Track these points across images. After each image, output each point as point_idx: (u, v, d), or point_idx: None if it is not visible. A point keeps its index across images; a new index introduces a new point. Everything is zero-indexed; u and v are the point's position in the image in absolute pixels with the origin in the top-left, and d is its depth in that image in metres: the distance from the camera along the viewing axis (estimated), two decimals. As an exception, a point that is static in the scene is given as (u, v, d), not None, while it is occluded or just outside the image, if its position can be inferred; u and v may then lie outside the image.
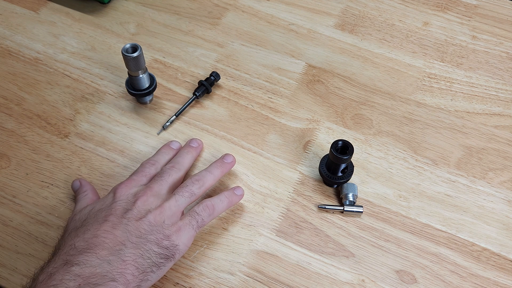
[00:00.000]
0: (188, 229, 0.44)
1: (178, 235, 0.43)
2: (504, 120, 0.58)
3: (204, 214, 0.45)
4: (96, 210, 0.43)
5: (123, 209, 0.43)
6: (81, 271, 0.38)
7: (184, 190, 0.46)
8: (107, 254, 0.39)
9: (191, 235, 0.44)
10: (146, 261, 0.40)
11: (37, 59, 0.63)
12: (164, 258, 0.42)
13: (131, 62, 0.51)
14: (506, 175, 0.54)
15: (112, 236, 0.40)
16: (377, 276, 0.47)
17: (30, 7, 0.68)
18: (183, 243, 0.43)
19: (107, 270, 0.38)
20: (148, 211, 0.43)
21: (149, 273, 0.40)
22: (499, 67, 0.63)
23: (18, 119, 0.57)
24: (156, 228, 0.42)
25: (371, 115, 0.58)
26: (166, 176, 0.47)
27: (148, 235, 0.42)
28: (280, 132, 0.57)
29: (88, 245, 0.40)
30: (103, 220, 0.42)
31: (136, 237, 0.41)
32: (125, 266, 0.39)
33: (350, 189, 0.51)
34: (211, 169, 0.49)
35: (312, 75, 0.62)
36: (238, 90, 0.60)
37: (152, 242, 0.41)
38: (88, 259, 0.39)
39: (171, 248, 0.42)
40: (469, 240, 0.49)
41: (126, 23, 0.67)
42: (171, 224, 0.43)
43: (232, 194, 0.49)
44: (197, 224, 0.45)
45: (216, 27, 0.67)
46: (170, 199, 0.45)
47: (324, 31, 0.67)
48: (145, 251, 0.41)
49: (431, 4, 0.70)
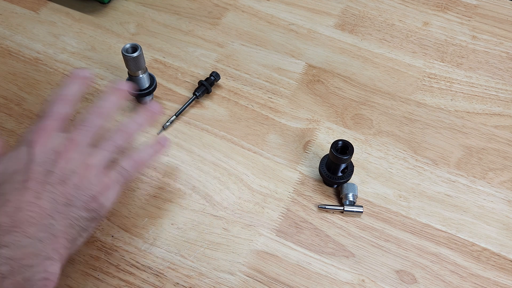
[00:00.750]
0: (115, 187, 0.41)
1: (105, 195, 0.40)
2: (504, 120, 0.58)
3: (131, 169, 0.43)
4: (11, 172, 0.38)
5: (44, 171, 0.38)
6: (12, 253, 0.35)
7: (109, 144, 0.42)
8: (36, 230, 0.36)
9: (117, 191, 0.42)
10: (75, 229, 0.39)
11: (37, 59, 0.63)
12: (91, 220, 0.40)
13: (131, 62, 0.51)
14: (506, 175, 0.54)
15: (38, 208, 0.37)
16: (377, 276, 0.47)
17: (30, 7, 0.68)
18: (110, 201, 0.41)
19: (39, 248, 0.36)
20: (72, 172, 0.39)
21: (78, 238, 0.39)
22: (499, 67, 0.63)
23: (18, 119, 0.57)
24: (83, 192, 0.39)
25: (371, 115, 0.58)
26: (90, 125, 0.42)
27: (75, 200, 0.39)
28: (280, 132, 0.57)
29: (14, 222, 0.36)
30: (23, 187, 0.37)
31: (63, 205, 0.38)
32: (57, 240, 0.37)
33: (350, 189, 0.51)
34: (135, 117, 0.45)
35: (312, 75, 0.62)
36: (238, 90, 0.60)
37: (80, 208, 0.39)
38: (17, 239, 0.35)
39: (98, 209, 0.40)
40: (469, 240, 0.49)
41: (126, 23, 0.67)
42: (97, 182, 0.40)
43: (157, 144, 0.46)
44: (124, 180, 0.42)
45: (216, 27, 0.67)
46: (95, 155, 0.41)
47: (324, 31, 0.67)
48: (74, 219, 0.38)
49: (431, 4, 0.70)
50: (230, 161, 0.54)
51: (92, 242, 0.48)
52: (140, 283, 0.46)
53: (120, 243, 0.48)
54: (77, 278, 0.46)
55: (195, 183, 0.52)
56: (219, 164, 0.54)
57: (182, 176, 0.53)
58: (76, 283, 0.46)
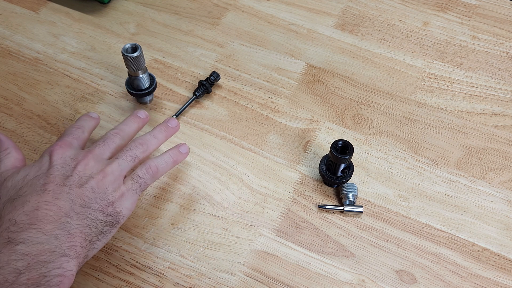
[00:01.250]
0: (131, 194, 0.43)
1: (121, 201, 0.42)
2: (504, 120, 0.58)
3: (146, 177, 0.44)
4: (32, 177, 0.40)
5: (62, 175, 0.40)
6: (28, 249, 0.36)
7: (127, 154, 0.44)
8: (53, 228, 0.37)
9: (134, 199, 0.43)
10: (92, 231, 0.39)
11: (37, 59, 0.63)
12: (109, 225, 0.41)
13: (131, 62, 0.51)
14: (506, 175, 0.54)
15: (55, 207, 0.38)
16: (377, 276, 0.47)
17: (30, 7, 0.68)
18: (127, 208, 0.42)
19: (55, 245, 0.37)
20: (89, 177, 0.41)
21: (95, 241, 0.40)
22: (499, 67, 0.63)
23: (18, 119, 0.57)
24: (100, 195, 0.41)
25: (371, 115, 0.58)
26: (110, 142, 0.45)
27: (92, 203, 0.40)
28: (280, 132, 0.57)
29: (31, 220, 0.37)
30: (42, 189, 0.39)
31: (81, 206, 0.39)
32: (73, 239, 0.38)
33: (350, 189, 0.51)
34: (155, 133, 0.47)
35: (312, 75, 0.62)
36: (238, 90, 0.60)
37: (97, 210, 0.40)
38: (34, 236, 0.36)
39: (115, 214, 0.41)
40: (469, 240, 0.49)
41: (126, 23, 0.67)
42: (114, 189, 0.42)
43: (177, 152, 0.47)
44: (140, 188, 0.43)
45: (216, 27, 0.67)
46: (113, 163, 0.43)
47: (324, 31, 0.67)
48: (91, 220, 0.39)
49: (431, 4, 0.70)
50: (230, 161, 0.54)
51: (92, 242, 0.48)
52: (140, 283, 0.46)
53: (120, 243, 0.48)
54: (77, 278, 0.46)
55: (195, 183, 0.52)
56: (219, 164, 0.54)
57: (182, 176, 0.53)
58: (76, 283, 0.46)
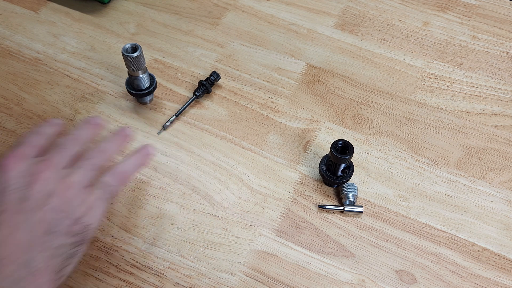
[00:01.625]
0: (100, 204, 0.39)
1: (90, 214, 0.38)
2: (504, 120, 0.58)
3: (116, 183, 0.40)
4: None
5: (18, 199, 0.35)
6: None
7: (88, 163, 0.40)
8: (15, 269, 0.33)
9: (103, 209, 0.39)
10: (60, 259, 0.36)
11: (37, 59, 0.63)
12: (78, 245, 0.37)
13: (131, 62, 0.51)
14: (506, 175, 0.54)
15: (15, 242, 0.34)
16: (377, 276, 0.47)
17: (30, 7, 0.68)
18: (96, 219, 0.38)
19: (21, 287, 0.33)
20: (50, 194, 0.36)
21: (65, 267, 0.36)
22: (499, 67, 0.63)
23: (18, 119, 0.57)
24: (64, 214, 0.36)
25: (371, 115, 0.58)
26: (68, 148, 0.40)
27: (57, 226, 0.36)
28: (280, 132, 0.57)
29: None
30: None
31: (43, 234, 0.35)
32: (39, 275, 0.34)
33: (350, 189, 0.51)
34: (113, 139, 0.44)
35: (312, 75, 0.62)
36: (238, 90, 0.60)
37: (62, 234, 0.36)
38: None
39: (83, 232, 0.37)
40: (469, 240, 0.49)
41: (126, 23, 0.67)
42: (79, 203, 0.37)
43: (142, 155, 0.44)
44: (111, 195, 0.40)
45: (216, 27, 0.67)
46: (75, 173, 0.38)
47: (324, 31, 0.67)
48: (56, 249, 0.35)
49: (431, 4, 0.70)
50: (230, 161, 0.54)
51: (92, 242, 0.48)
52: (140, 283, 0.46)
53: (120, 243, 0.48)
54: (77, 278, 0.46)
55: (195, 183, 0.52)
56: (219, 164, 0.54)
57: (182, 176, 0.53)
58: (76, 283, 0.46)
